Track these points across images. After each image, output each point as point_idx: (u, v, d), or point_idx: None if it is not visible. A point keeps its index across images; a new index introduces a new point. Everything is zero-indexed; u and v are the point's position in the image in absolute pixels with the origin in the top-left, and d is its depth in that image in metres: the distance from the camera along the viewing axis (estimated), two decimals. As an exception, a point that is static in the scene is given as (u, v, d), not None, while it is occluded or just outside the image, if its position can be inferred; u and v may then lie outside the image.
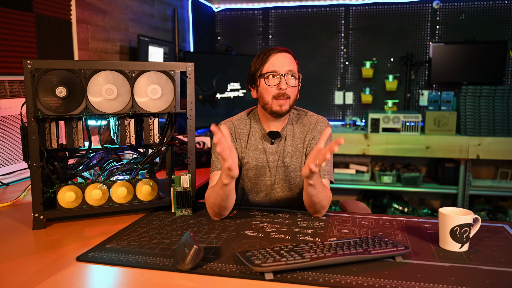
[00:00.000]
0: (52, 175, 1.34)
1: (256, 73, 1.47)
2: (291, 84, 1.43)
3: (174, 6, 3.68)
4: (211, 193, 1.34)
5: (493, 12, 3.84)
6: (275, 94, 1.42)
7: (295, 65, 1.46)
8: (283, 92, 1.41)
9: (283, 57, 1.44)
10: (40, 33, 2.12)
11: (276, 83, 1.42)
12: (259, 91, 1.47)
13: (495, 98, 3.50)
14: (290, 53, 1.47)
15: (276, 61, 1.43)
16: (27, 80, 1.22)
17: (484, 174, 3.92)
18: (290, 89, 1.43)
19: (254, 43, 4.39)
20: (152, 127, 1.44)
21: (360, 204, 1.76)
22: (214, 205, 1.33)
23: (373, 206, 3.82)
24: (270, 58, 1.44)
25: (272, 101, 1.43)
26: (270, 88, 1.43)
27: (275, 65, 1.42)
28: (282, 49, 1.46)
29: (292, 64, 1.44)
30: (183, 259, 0.98)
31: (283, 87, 1.41)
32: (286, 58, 1.44)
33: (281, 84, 1.41)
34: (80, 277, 0.98)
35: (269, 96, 1.43)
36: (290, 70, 1.43)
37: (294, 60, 1.47)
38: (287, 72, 1.42)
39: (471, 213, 1.11)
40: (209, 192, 1.36)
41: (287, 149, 1.50)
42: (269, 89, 1.43)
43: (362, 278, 0.94)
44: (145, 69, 1.37)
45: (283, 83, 1.41)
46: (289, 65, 1.43)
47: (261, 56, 1.47)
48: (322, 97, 4.29)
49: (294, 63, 1.46)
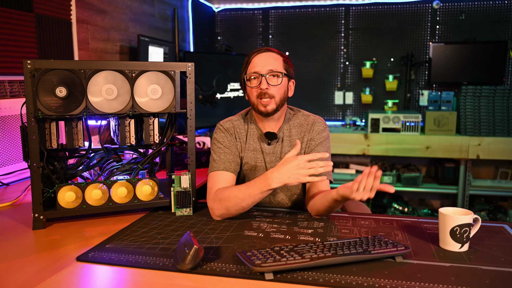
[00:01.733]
0: (52, 175, 1.34)
1: (241, 77, 1.49)
2: (272, 83, 1.43)
3: (174, 6, 3.68)
4: (237, 194, 1.32)
5: (493, 12, 3.84)
6: (257, 94, 1.43)
7: (279, 63, 1.45)
8: (264, 92, 1.42)
9: (264, 57, 1.44)
10: (40, 33, 2.12)
11: (257, 84, 1.43)
12: (247, 94, 1.49)
13: (495, 98, 3.50)
14: (274, 51, 1.46)
15: (257, 62, 1.44)
16: (27, 80, 1.22)
17: (484, 174, 3.92)
18: (273, 88, 1.43)
19: (254, 43, 4.39)
20: (152, 127, 1.44)
21: (360, 204, 1.76)
22: (236, 206, 1.32)
23: (373, 206, 3.82)
24: (253, 59, 1.45)
25: (257, 101, 1.44)
26: (253, 89, 1.44)
27: (256, 66, 1.44)
28: (265, 48, 1.47)
29: (274, 63, 1.44)
30: (183, 259, 0.98)
31: (263, 87, 1.41)
32: (268, 57, 1.44)
33: (261, 85, 1.42)
34: (80, 277, 0.98)
35: (254, 97, 1.45)
36: (271, 70, 1.43)
37: (280, 58, 1.46)
38: (268, 71, 1.43)
39: (471, 213, 1.11)
40: (234, 192, 1.33)
41: (284, 150, 1.50)
42: (252, 90, 1.45)
43: (362, 278, 0.94)
44: (145, 69, 1.37)
45: (264, 83, 1.42)
46: (270, 64, 1.43)
47: (247, 57, 1.48)
48: (322, 97, 4.29)
49: (278, 61, 1.45)
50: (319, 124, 1.51)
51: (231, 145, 1.49)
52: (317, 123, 1.51)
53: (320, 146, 1.47)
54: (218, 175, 1.44)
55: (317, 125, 1.51)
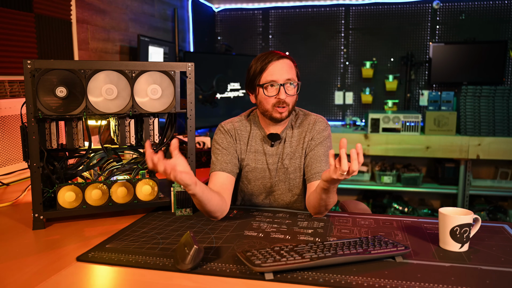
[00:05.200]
0: (52, 175, 1.34)
1: (255, 81, 1.45)
2: (290, 93, 1.42)
3: (174, 6, 3.68)
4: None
5: (493, 12, 3.84)
6: (274, 102, 1.42)
7: (294, 72, 1.43)
8: (282, 101, 1.40)
9: (282, 65, 1.41)
10: (40, 33, 2.11)
11: (275, 93, 1.41)
12: (258, 99, 1.46)
13: (495, 98, 3.50)
14: (289, 58, 1.44)
15: (275, 70, 1.40)
16: (27, 80, 1.22)
17: (484, 174, 3.92)
18: (289, 98, 1.42)
19: (254, 43, 4.39)
20: (152, 127, 1.44)
21: (360, 204, 1.76)
22: (201, 210, 1.32)
23: (373, 206, 3.82)
24: (269, 67, 1.41)
25: (272, 109, 1.43)
26: (269, 98, 1.42)
27: (273, 74, 1.40)
28: (281, 55, 1.43)
29: (291, 72, 1.42)
30: (183, 259, 0.98)
31: (282, 97, 1.40)
32: (285, 65, 1.41)
33: (280, 95, 1.40)
34: (80, 277, 0.98)
35: (269, 105, 1.43)
36: (289, 79, 1.41)
37: (293, 66, 1.44)
38: (286, 81, 1.41)
39: (471, 213, 1.11)
40: None
41: (286, 151, 1.50)
42: (268, 99, 1.42)
43: (362, 278, 0.94)
44: (145, 69, 1.37)
45: (282, 93, 1.39)
46: (287, 73, 1.41)
47: (260, 62, 1.43)
48: (322, 97, 4.29)
49: (293, 69, 1.44)
50: (320, 123, 1.51)
51: (229, 146, 1.49)
52: (318, 122, 1.51)
53: (320, 146, 1.47)
54: (214, 175, 1.44)
55: (318, 125, 1.50)
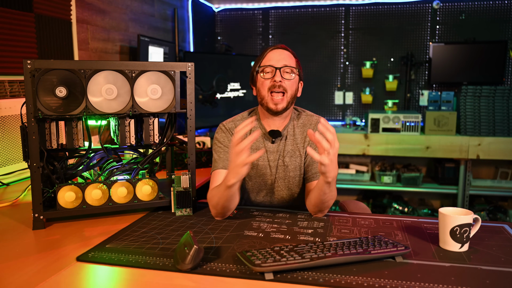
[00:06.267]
0: (52, 175, 1.34)
1: (254, 70, 1.50)
2: (286, 77, 1.44)
3: (174, 6, 3.68)
4: (215, 193, 1.33)
5: (493, 12, 3.84)
6: (269, 86, 1.44)
7: (293, 61, 1.48)
8: (277, 84, 1.42)
9: (280, 53, 1.47)
10: (40, 33, 2.11)
11: (271, 76, 1.44)
12: (257, 87, 1.49)
13: (495, 98, 3.50)
14: (288, 50, 1.49)
15: (273, 56, 1.46)
16: (27, 80, 1.22)
17: (484, 174, 3.92)
18: (286, 82, 1.44)
19: (254, 43, 4.39)
20: (152, 127, 1.44)
21: (360, 204, 1.76)
22: (217, 205, 1.32)
23: (373, 206, 3.82)
24: (267, 54, 1.47)
25: (268, 95, 1.44)
26: (265, 81, 1.45)
27: (271, 59, 1.45)
28: (280, 46, 1.49)
29: (289, 60, 1.46)
30: (183, 259, 0.98)
31: (277, 79, 1.42)
32: (283, 53, 1.47)
33: (275, 77, 1.43)
34: (80, 277, 0.98)
35: (265, 90, 1.45)
36: (286, 65, 1.44)
37: (292, 57, 1.49)
38: (283, 66, 1.44)
39: (471, 213, 1.11)
40: (213, 192, 1.35)
41: (287, 149, 1.50)
42: (264, 82, 1.45)
43: (362, 278, 0.94)
44: (145, 69, 1.37)
45: (278, 75, 1.43)
46: (285, 60, 1.45)
47: (260, 54, 1.50)
48: (322, 97, 4.29)
49: (292, 59, 1.48)
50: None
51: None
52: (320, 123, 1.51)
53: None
54: (216, 174, 1.45)
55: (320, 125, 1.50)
